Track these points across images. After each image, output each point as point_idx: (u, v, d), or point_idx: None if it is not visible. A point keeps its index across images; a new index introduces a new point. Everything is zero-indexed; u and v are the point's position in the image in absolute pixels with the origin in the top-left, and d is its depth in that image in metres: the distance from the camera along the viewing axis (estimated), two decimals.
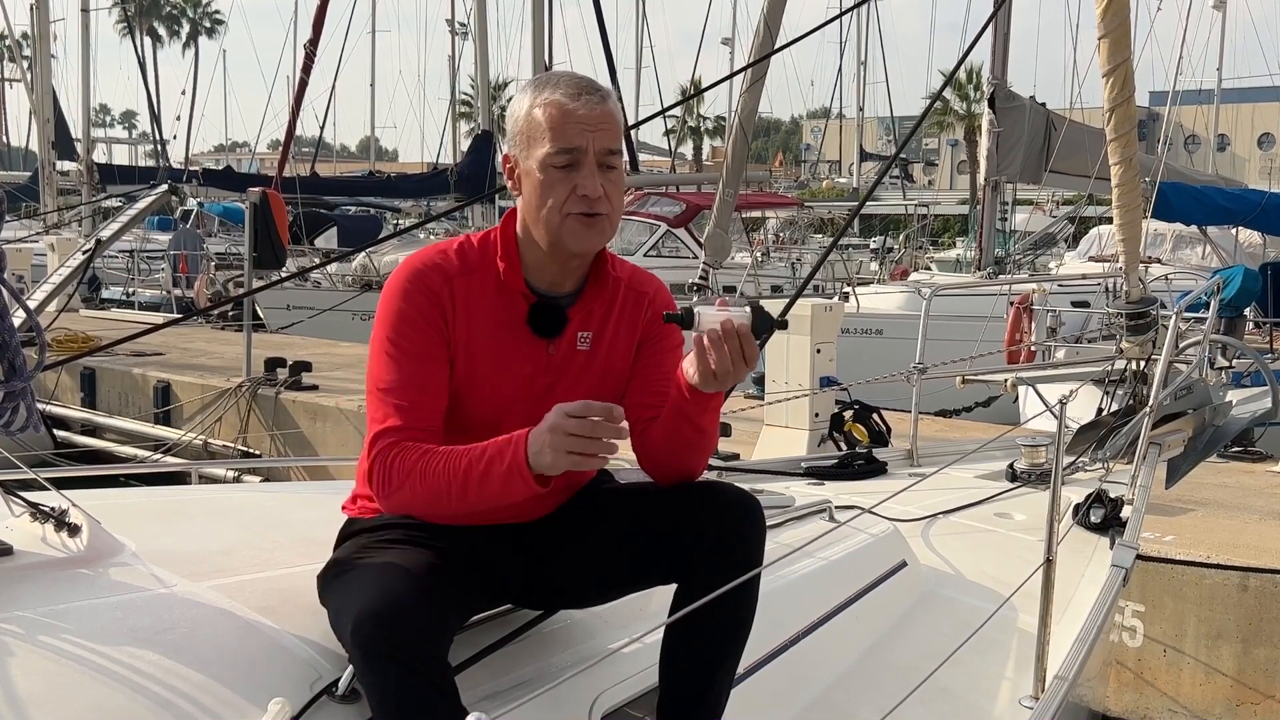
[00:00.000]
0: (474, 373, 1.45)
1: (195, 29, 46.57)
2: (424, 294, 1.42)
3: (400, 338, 1.41)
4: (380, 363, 1.42)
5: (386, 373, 1.41)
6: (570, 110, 1.41)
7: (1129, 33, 3.08)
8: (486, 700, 1.39)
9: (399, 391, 1.40)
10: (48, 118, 15.95)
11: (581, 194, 1.41)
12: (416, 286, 1.43)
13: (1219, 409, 3.26)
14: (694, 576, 1.41)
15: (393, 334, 1.42)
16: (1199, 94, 23.17)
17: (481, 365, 1.45)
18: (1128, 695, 3.94)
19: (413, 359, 1.41)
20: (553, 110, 1.41)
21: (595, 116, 1.41)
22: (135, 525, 1.63)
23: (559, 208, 1.42)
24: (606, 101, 1.44)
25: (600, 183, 1.42)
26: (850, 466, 3.04)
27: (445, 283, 1.44)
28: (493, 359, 1.45)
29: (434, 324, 1.42)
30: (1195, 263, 11.94)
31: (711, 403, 1.43)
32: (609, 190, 1.43)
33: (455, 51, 26.57)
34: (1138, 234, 3.39)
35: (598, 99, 1.43)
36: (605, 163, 1.42)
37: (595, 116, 1.41)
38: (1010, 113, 10.56)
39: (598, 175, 1.42)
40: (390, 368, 1.41)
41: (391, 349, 1.42)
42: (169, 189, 7.29)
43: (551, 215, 1.43)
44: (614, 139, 1.44)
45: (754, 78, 6.20)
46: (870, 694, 1.84)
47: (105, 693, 1.22)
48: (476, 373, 1.45)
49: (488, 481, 1.33)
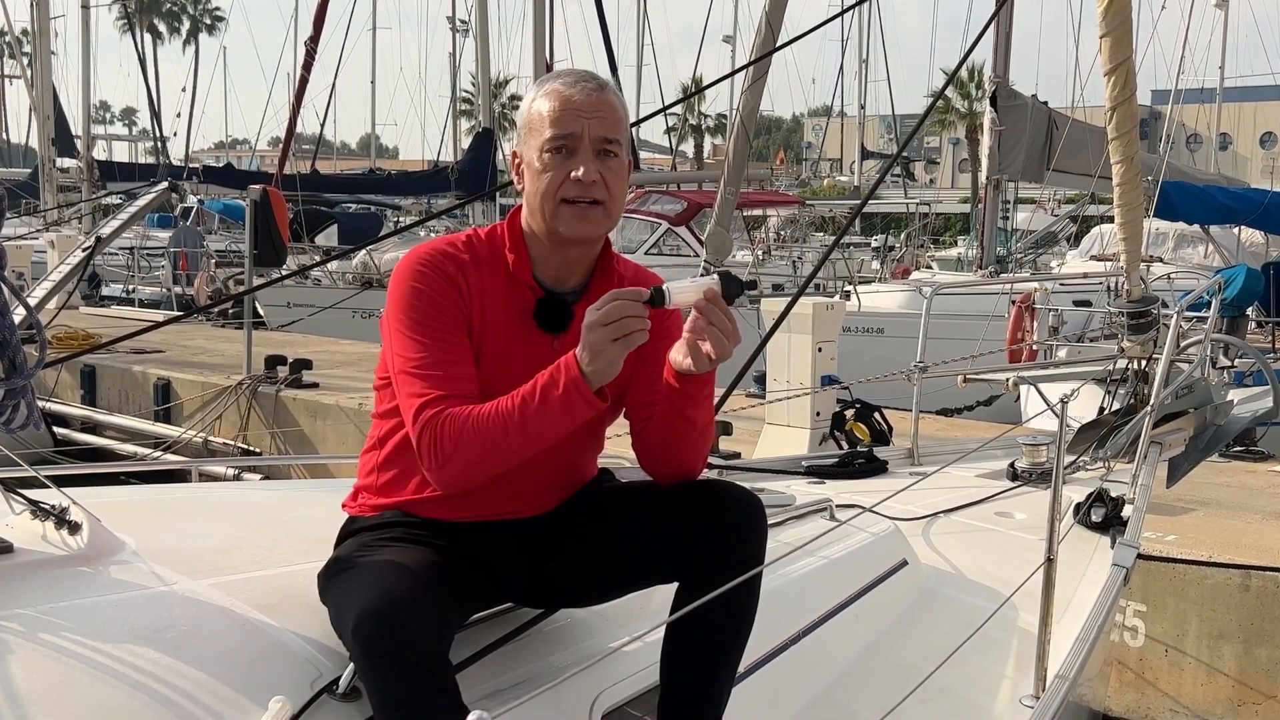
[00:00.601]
0: (479, 363, 1.44)
1: (196, 26, 46.55)
2: (439, 275, 1.42)
3: (421, 315, 1.40)
4: (404, 343, 1.40)
5: (413, 350, 1.39)
6: (567, 97, 1.42)
7: (1130, 31, 3.07)
8: (487, 699, 1.38)
9: (431, 364, 1.38)
10: (48, 114, 15.93)
11: (575, 178, 1.40)
12: (430, 269, 1.42)
13: (1220, 408, 3.25)
14: (695, 575, 1.41)
15: (413, 313, 1.40)
16: (1201, 93, 23.13)
17: (487, 356, 1.44)
18: (1129, 695, 3.93)
19: (438, 332, 1.39)
20: (551, 99, 1.43)
21: (591, 103, 1.42)
22: (135, 523, 1.63)
23: (553, 193, 1.42)
24: (604, 90, 1.44)
25: (597, 169, 1.41)
26: (851, 465, 3.04)
27: (459, 269, 1.44)
28: (499, 351, 1.45)
29: (452, 300, 1.41)
30: (1197, 262, 11.91)
31: (700, 391, 1.42)
32: (607, 177, 1.42)
33: (456, 49, 26.56)
34: (1139, 233, 3.38)
35: (594, 86, 1.44)
36: (602, 149, 1.42)
37: (591, 103, 1.42)
38: (1012, 111, 10.55)
39: (594, 161, 1.41)
40: (415, 345, 1.39)
41: (414, 327, 1.40)
42: (169, 186, 7.28)
43: (546, 201, 1.43)
44: (611, 127, 1.43)
45: (755, 75, 6.19)
46: (871, 693, 1.84)
47: (105, 690, 1.22)
48: (481, 363, 1.44)
49: (546, 409, 1.32)
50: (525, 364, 1.44)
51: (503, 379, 1.44)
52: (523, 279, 1.46)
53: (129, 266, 15.24)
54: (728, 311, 1.35)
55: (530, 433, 1.34)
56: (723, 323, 1.33)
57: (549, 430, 1.34)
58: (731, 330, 1.34)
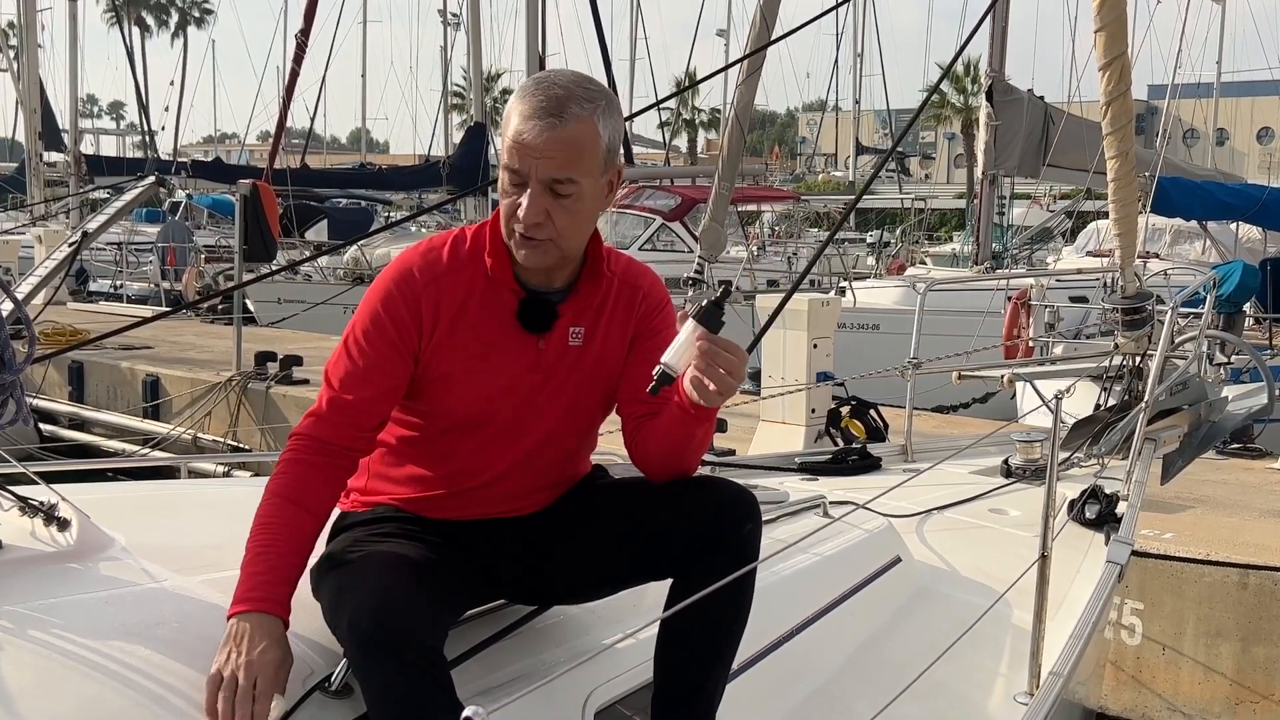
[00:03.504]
0: (459, 369, 1.43)
1: (184, 19, 46.22)
2: (405, 300, 1.42)
3: (364, 336, 1.42)
4: (339, 355, 1.44)
5: (342, 368, 1.42)
6: (518, 131, 1.35)
7: (1126, 25, 3.06)
8: (480, 696, 1.37)
9: (345, 384, 1.41)
10: (34, 108, 15.83)
11: (518, 215, 1.39)
12: (400, 290, 1.42)
13: (1214, 405, 3.25)
14: (689, 572, 1.40)
15: (360, 330, 1.43)
16: (1198, 88, 23.18)
17: (466, 361, 1.43)
18: (1126, 694, 3.91)
19: (369, 359, 1.41)
20: (515, 120, 1.37)
21: (540, 145, 1.33)
22: (125, 520, 1.62)
23: (507, 219, 1.42)
24: (562, 124, 1.33)
25: (544, 208, 1.37)
26: (845, 462, 3.04)
27: (431, 282, 1.42)
28: (480, 355, 1.44)
29: (403, 330, 1.41)
30: (1194, 258, 11.92)
31: (710, 415, 1.43)
32: (555, 215, 1.37)
33: (447, 42, 26.45)
34: (1134, 229, 3.38)
35: (550, 122, 1.33)
36: (553, 189, 1.37)
37: (540, 145, 1.33)
38: (1008, 106, 10.54)
39: (541, 199, 1.37)
40: (345, 361, 1.42)
41: (353, 344, 1.43)
42: (155, 180, 7.23)
43: (505, 225, 1.43)
44: (561, 167, 1.35)
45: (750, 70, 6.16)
46: (864, 690, 1.83)
47: (95, 688, 1.21)
48: (461, 368, 1.43)
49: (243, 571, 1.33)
50: (508, 368, 1.44)
51: (483, 385, 1.44)
52: (504, 282, 1.45)
53: (117, 262, 15.16)
54: (727, 346, 1.35)
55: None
56: (727, 362, 1.34)
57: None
58: (735, 367, 1.35)
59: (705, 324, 1.34)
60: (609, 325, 1.50)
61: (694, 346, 1.34)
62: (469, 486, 1.48)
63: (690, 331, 1.35)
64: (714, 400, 1.36)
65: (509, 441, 1.47)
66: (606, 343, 1.50)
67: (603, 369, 1.50)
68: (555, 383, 1.47)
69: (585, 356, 1.49)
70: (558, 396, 1.48)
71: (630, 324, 1.51)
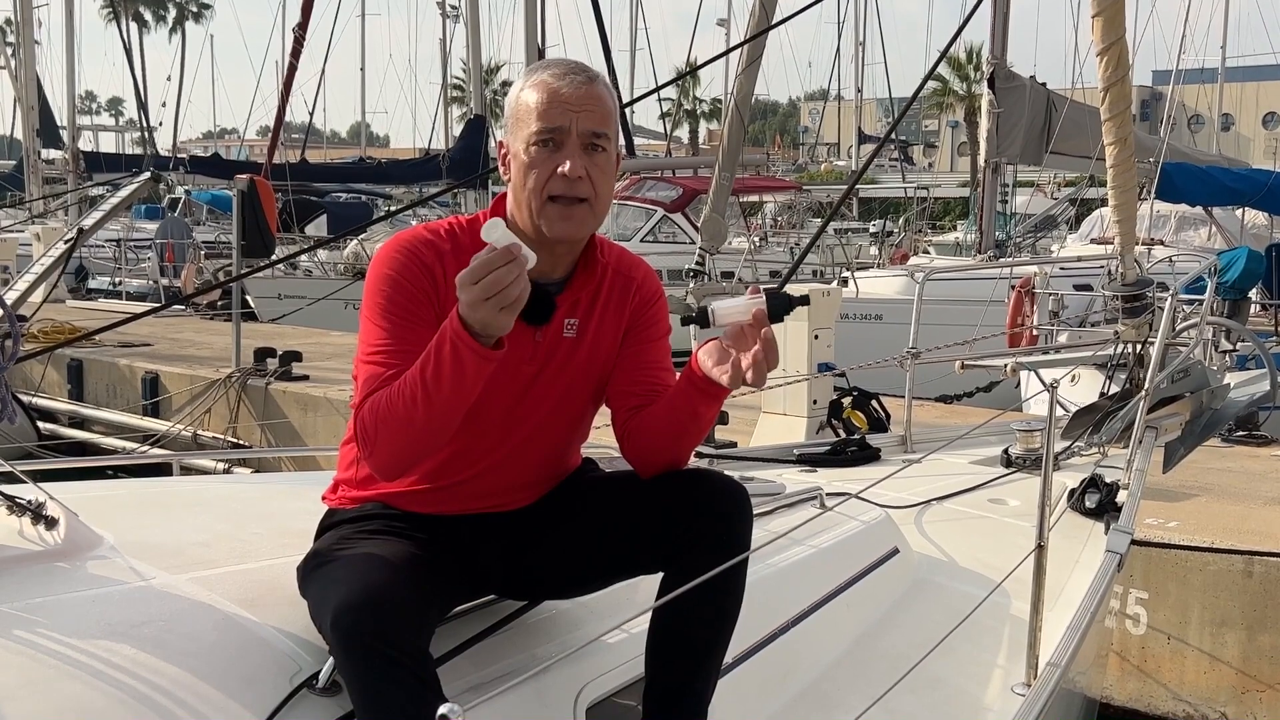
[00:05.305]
0: None
1: (182, 14, 46.10)
2: (415, 263, 1.40)
3: (389, 302, 1.38)
4: (367, 329, 1.39)
5: (375, 337, 1.37)
6: (555, 89, 1.39)
7: (1123, 10, 3.03)
8: (470, 691, 1.37)
9: (387, 354, 1.35)
10: (32, 105, 15.83)
11: (561, 173, 1.38)
12: (407, 256, 1.40)
13: (1216, 392, 3.23)
14: (680, 565, 1.39)
15: (381, 299, 1.38)
16: (1202, 73, 23.02)
17: None
18: (1131, 683, 3.89)
19: (402, 323, 1.37)
20: (539, 91, 1.40)
21: (580, 96, 1.39)
22: (114, 518, 1.61)
23: (539, 189, 1.39)
24: (594, 83, 1.41)
25: (584, 165, 1.38)
26: (843, 453, 3.02)
27: (437, 258, 1.41)
28: None
29: (424, 289, 1.39)
30: (1200, 244, 11.85)
31: (721, 394, 1.41)
32: (593, 174, 1.40)
33: (446, 35, 26.41)
34: (1133, 215, 3.36)
35: (584, 79, 1.40)
36: (590, 143, 1.39)
37: (580, 96, 1.39)
38: (1010, 93, 10.47)
39: (580, 156, 1.39)
40: (378, 333, 1.37)
41: (380, 313, 1.38)
42: (152, 176, 7.21)
43: (532, 197, 1.40)
44: (600, 121, 1.40)
45: (750, 58, 6.12)
46: (861, 683, 1.82)
47: (81, 688, 1.20)
48: None
49: (441, 369, 1.26)
50: (508, 357, 1.41)
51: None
52: None
53: (116, 259, 15.15)
54: (772, 339, 1.33)
55: (435, 398, 1.27)
56: (769, 347, 1.32)
57: (450, 391, 1.27)
58: (773, 358, 1.33)
59: (771, 302, 1.32)
60: (602, 317, 1.49)
61: (744, 318, 1.33)
62: (458, 480, 1.46)
63: (748, 305, 1.33)
64: (735, 383, 1.36)
65: (500, 434, 1.45)
66: (600, 334, 1.49)
67: (595, 362, 1.49)
68: (549, 375, 1.46)
69: (579, 349, 1.47)
70: (550, 389, 1.46)
71: (624, 317, 1.50)
